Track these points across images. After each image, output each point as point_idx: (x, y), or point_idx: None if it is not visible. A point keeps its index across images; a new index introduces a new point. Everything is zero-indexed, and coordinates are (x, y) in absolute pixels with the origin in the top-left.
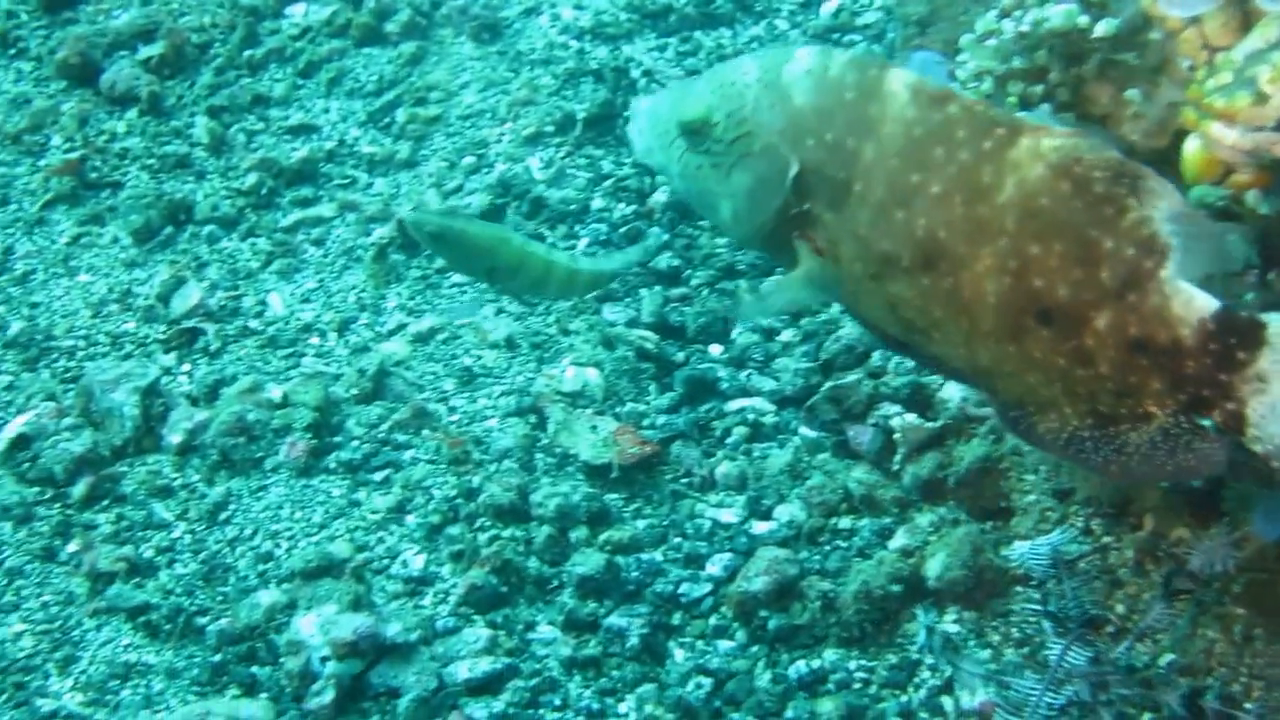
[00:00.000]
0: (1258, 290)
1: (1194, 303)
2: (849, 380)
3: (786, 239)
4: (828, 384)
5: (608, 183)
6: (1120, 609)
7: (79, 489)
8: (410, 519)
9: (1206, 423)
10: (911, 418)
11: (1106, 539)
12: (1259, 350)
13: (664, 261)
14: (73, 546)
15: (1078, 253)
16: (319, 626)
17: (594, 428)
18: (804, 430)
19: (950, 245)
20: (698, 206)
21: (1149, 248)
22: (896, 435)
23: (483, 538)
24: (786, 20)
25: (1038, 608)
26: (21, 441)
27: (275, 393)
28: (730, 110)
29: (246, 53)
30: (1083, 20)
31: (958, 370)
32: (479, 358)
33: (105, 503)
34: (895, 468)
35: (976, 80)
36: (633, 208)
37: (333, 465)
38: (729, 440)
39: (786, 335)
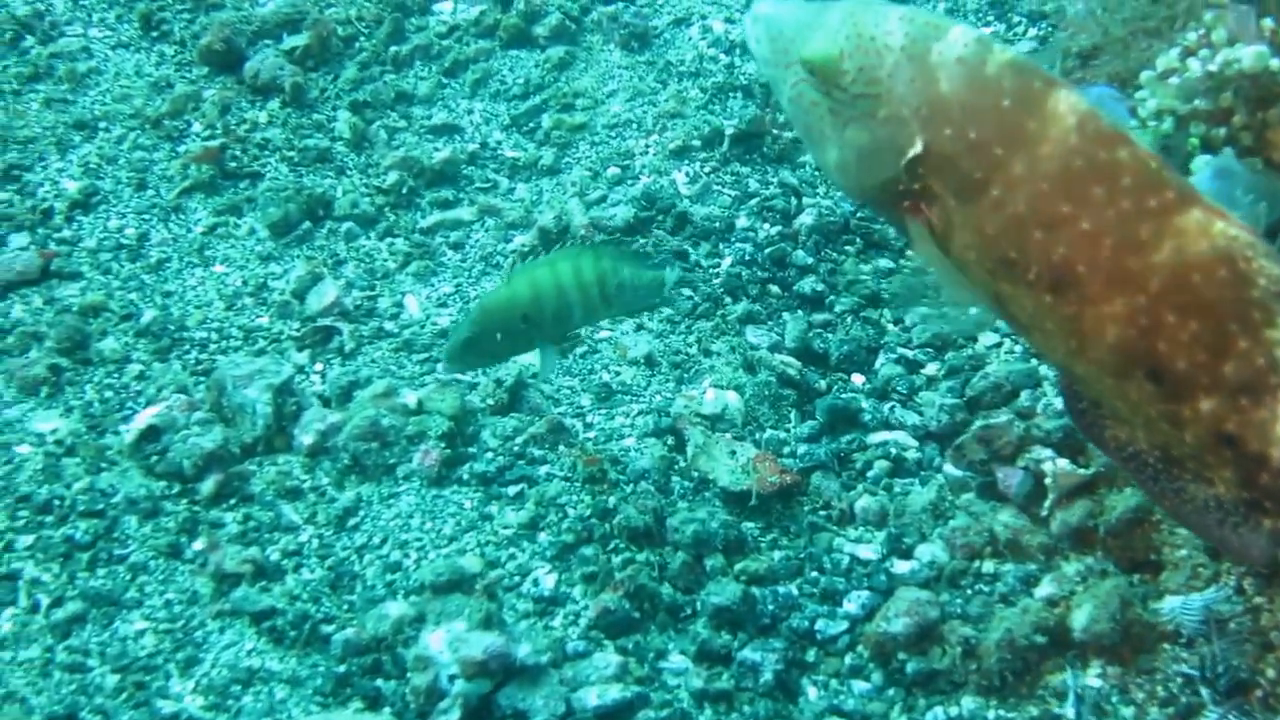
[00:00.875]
0: None
1: None
2: (1000, 421)
3: (889, 205)
4: (977, 423)
5: (753, 201)
6: (1271, 673)
7: (207, 485)
8: (543, 537)
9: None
10: (1064, 463)
11: (1259, 599)
12: None
13: (808, 286)
14: (198, 544)
15: (1211, 339)
16: (448, 643)
17: (733, 453)
18: (949, 468)
19: (1086, 281)
20: (804, 137)
21: (1275, 365)
22: (1047, 480)
23: (616, 560)
24: None
25: (1187, 668)
26: (151, 433)
27: (410, 398)
28: (864, 64)
29: (392, 48)
30: (1275, 63)
31: (1046, 357)
32: (617, 374)
33: (233, 501)
34: (1044, 513)
35: (1157, 119)
36: (778, 229)
37: (465, 476)
38: (870, 474)
39: (931, 369)
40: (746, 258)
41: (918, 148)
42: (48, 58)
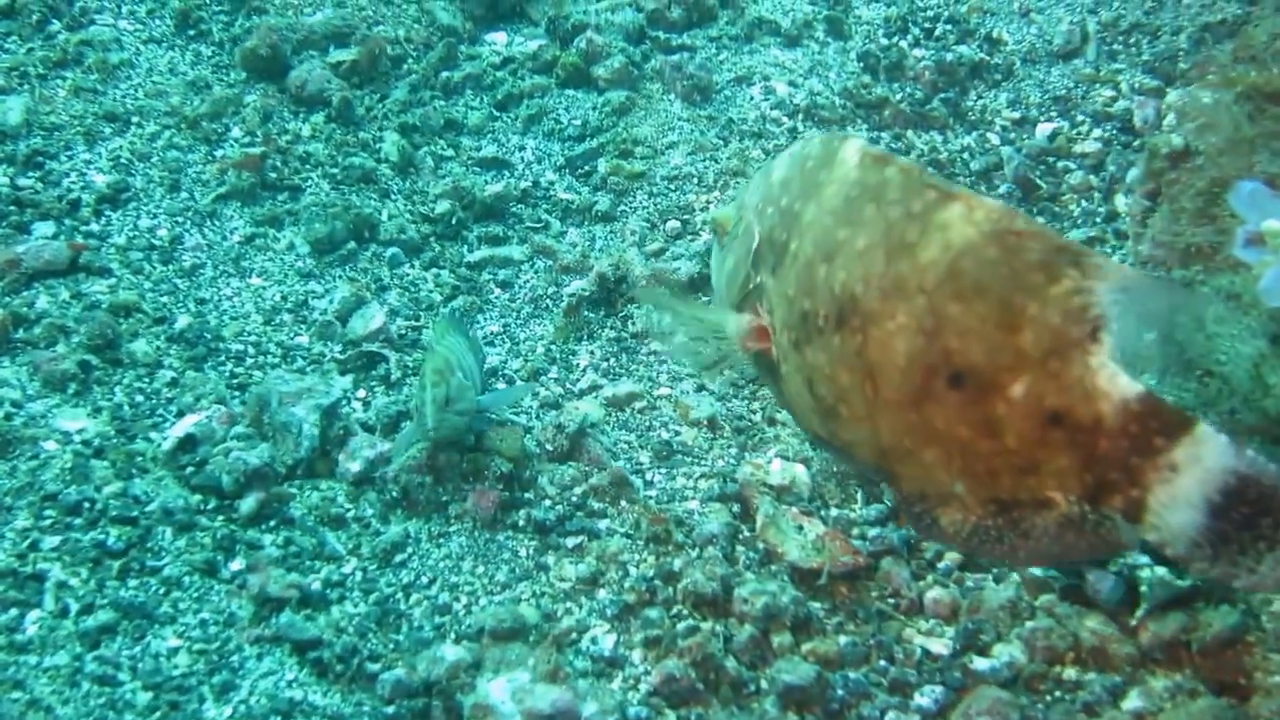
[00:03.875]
0: None
1: (1119, 380)
2: None
3: (749, 336)
4: None
5: None
6: None
7: (248, 504)
8: (603, 594)
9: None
10: (1161, 572)
11: None
12: (1179, 440)
13: None
14: (236, 564)
15: (999, 316)
16: (511, 693)
17: (801, 528)
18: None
19: (864, 300)
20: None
21: (1078, 317)
22: (1142, 588)
23: (681, 626)
24: (999, 135)
25: None
26: (187, 443)
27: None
28: (740, 202)
29: (443, 74)
30: None
31: (865, 461)
32: (677, 433)
33: (273, 523)
34: (1134, 623)
35: None
36: None
37: (522, 522)
38: (940, 565)
39: None
40: None
41: (756, 239)
42: (77, 44)
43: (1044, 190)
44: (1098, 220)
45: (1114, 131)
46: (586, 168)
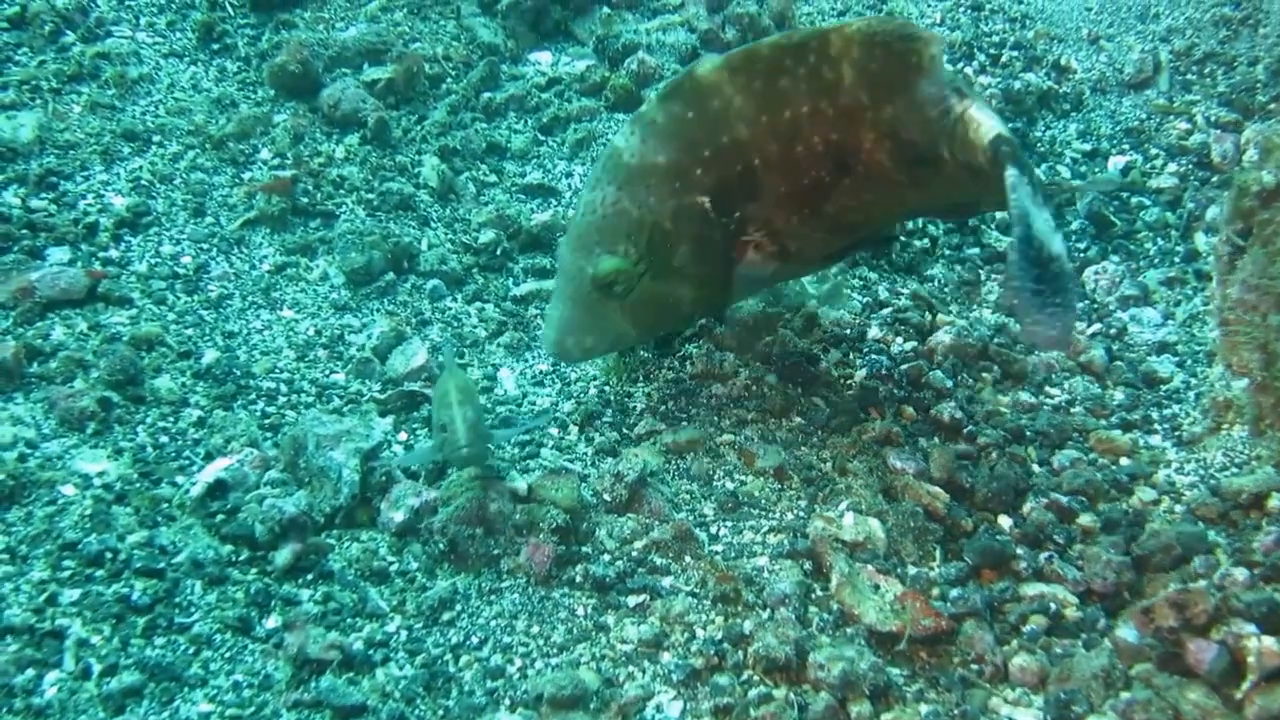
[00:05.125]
0: None
1: (981, 128)
2: (1196, 587)
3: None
4: (1173, 586)
5: (885, 311)
6: None
7: (283, 555)
8: (667, 657)
9: None
10: (1270, 641)
11: None
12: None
13: (946, 411)
14: (271, 622)
15: (912, 100)
16: None
17: (878, 588)
18: (1122, 633)
19: (845, 142)
20: (666, 322)
21: (945, 85)
22: (1249, 659)
23: (753, 694)
24: (1069, 168)
25: None
26: (217, 488)
27: (521, 484)
28: (625, 231)
29: (485, 95)
30: None
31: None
32: (742, 483)
33: (310, 576)
34: (1239, 695)
35: None
36: (913, 344)
37: (579, 579)
38: (1026, 629)
39: (1085, 520)
40: (882, 371)
41: (706, 199)
42: (93, 57)
43: (1118, 227)
44: (1176, 259)
45: (1190, 166)
46: None
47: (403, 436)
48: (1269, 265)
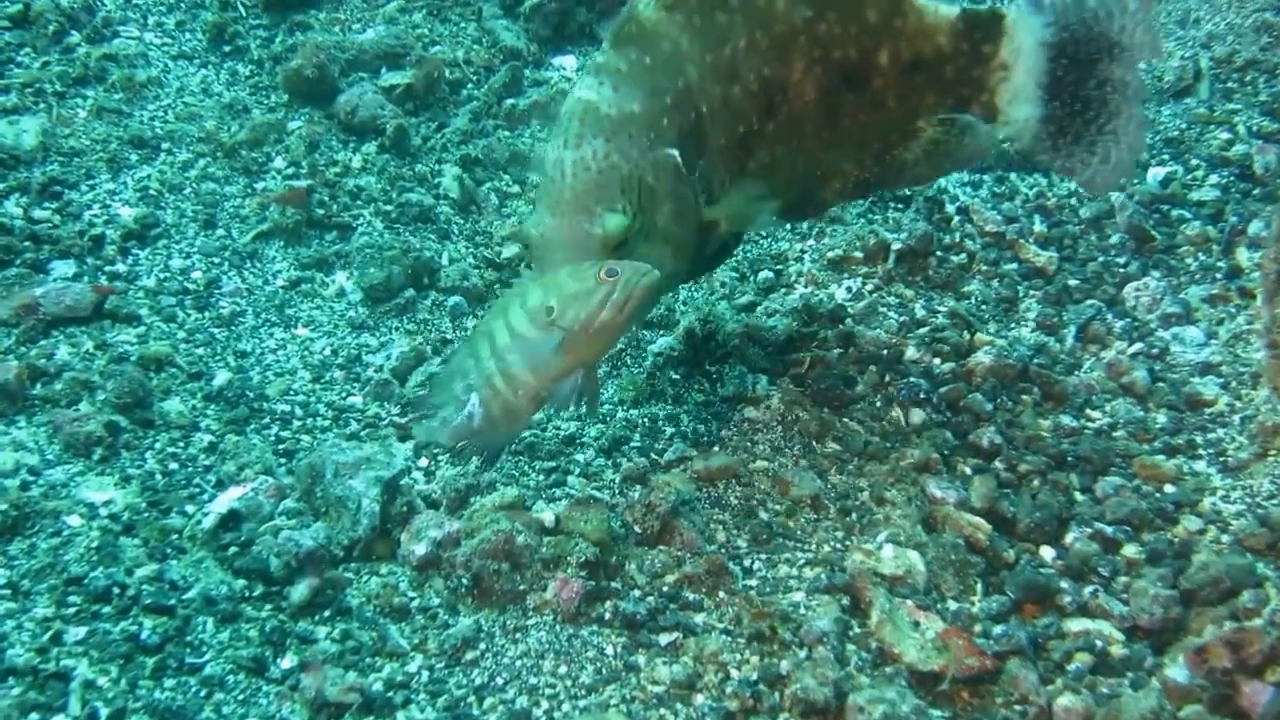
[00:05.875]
0: None
1: (940, 11)
2: (1253, 626)
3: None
4: (1227, 625)
5: (922, 330)
6: None
7: (299, 591)
8: (700, 699)
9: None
10: None
11: None
12: (1000, 41)
13: (986, 437)
14: (286, 662)
15: (848, 9)
16: None
17: (918, 625)
18: (1172, 673)
19: (773, 75)
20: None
21: None
22: None
23: None
24: None
25: None
26: (230, 519)
27: (547, 515)
28: (620, 187)
29: (507, 101)
30: None
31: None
32: (777, 513)
33: (327, 613)
34: None
35: None
36: (950, 365)
37: (608, 615)
38: (1070, 668)
39: (1130, 551)
40: (921, 395)
41: (674, 152)
42: (99, 59)
43: (1158, 241)
44: (1218, 276)
45: (1232, 178)
46: None
47: (424, 462)
48: None
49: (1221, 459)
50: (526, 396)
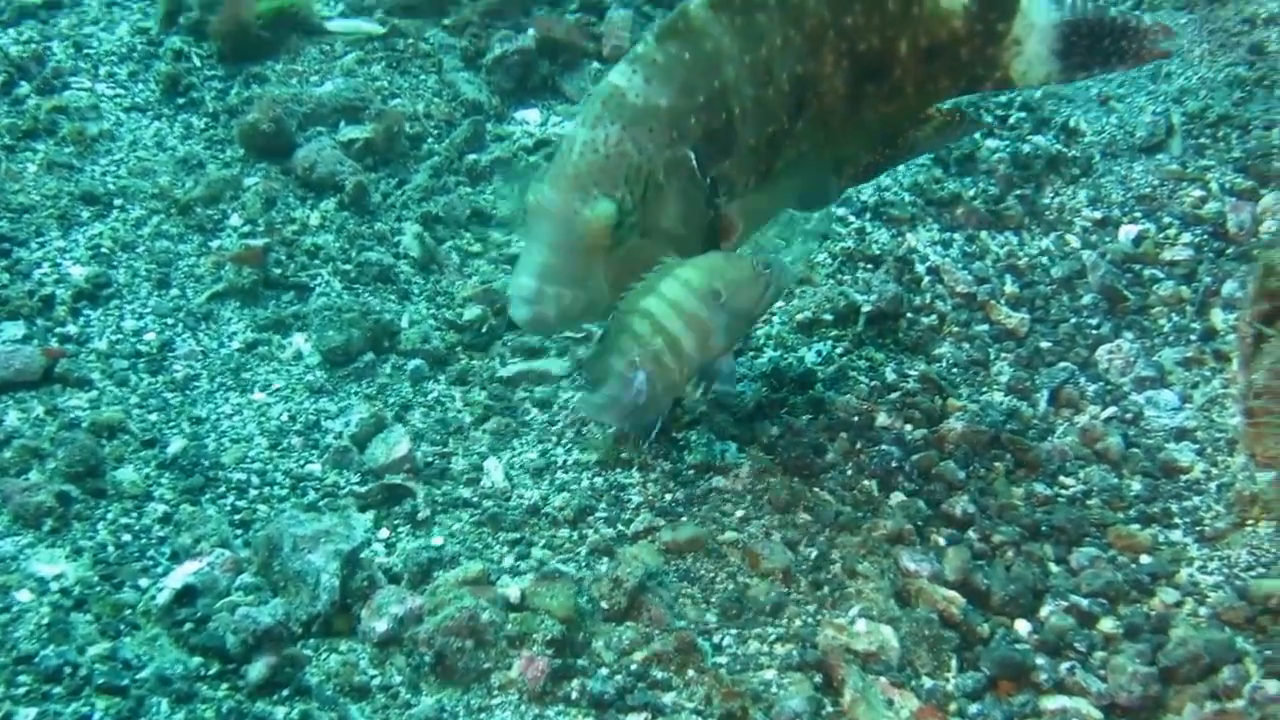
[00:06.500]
0: None
1: None
2: (1235, 707)
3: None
4: (1209, 706)
5: (893, 395)
6: None
7: (256, 670)
8: None
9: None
10: None
11: None
12: (1014, 19)
13: (959, 507)
14: None
15: (870, 2)
16: None
17: (891, 703)
18: None
19: (805, 73)
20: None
21: None
22: None
23: None
24: (1079, 237)
25: None
26: (186, 594)
27: (513, 590)
28: (625, 176)
29: (469, 156)
30: None
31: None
32: (747, 586)
33: (285, 692)
34: None
35: None
36: (922, 431)
37: (575, 695)
38: None
39: (1107, 625)
40: (893, 464)
41: (692, 153)
42: (49, 111)
43: (1131, 302)
44: (1192, 338)
45: (1205, 236)
46: None
47: (384, 533)
48: None
49: (1198, 528)
50: (688, 372)
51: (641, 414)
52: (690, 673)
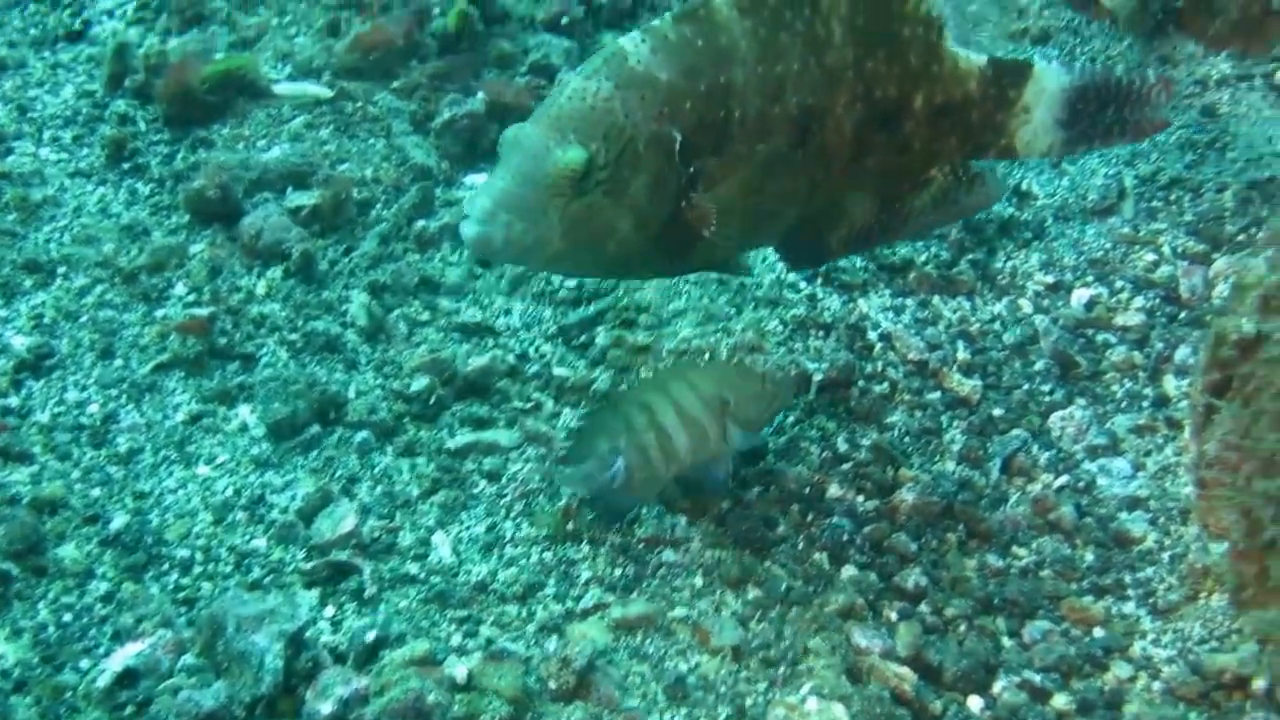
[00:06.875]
0: None
1: (971, 58)
2: None
3: (679, 223)
4: None
5: (845, 466)
6: None
7: None
8: None
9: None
10: None
11: None
12: (1025, 86)
13: (911, 580)
14: None
15: (892, 50)
16: None
17: None
18: None
19: (816, 104)
20: (586, 259)
21: (929, 24)
22: None
23: None
24: (1031, 302)
25: None
26: (127, 677)
27: (460, 670)
28: (604, 132)
29: (418, 223)
30: None
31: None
32: (696, 664)
33: None
34: None
35: None
36: (874, 503)
37: None
38: None
39: (1060, 701)
40: (845, 537)
41: (679, 137)
42: None
43: (1083, 368)
44: (1145, 404)
45: (1157, 301)
46: (584, 338)
47: (329, 611)
48: (1252, 425)
49: (1151, 600)
50: (674, 471)
51: (615, 498)
52: None
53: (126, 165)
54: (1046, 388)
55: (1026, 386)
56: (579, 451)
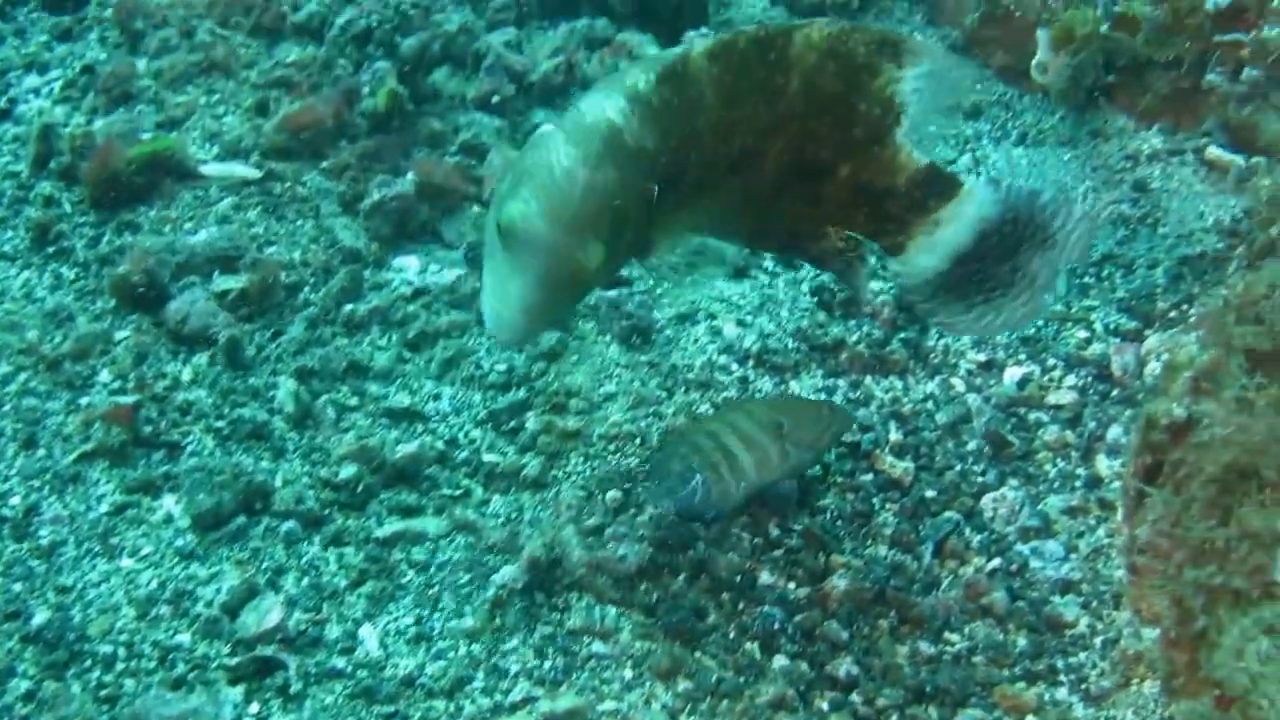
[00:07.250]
0: None
1: (913, 155)
2: None
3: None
4: None
5: (776, 553)
6: None
7: None
8: None
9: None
10: None
11: None
12: (948, 203)
13: (843, 669)
14: None
15: (841, 117)
16: None
17: None
18: None
19: (756, 148)
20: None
21: (889, 107)
22: None
23: None
24: (964, 381)
25: None
26: None
27: None
28: (611, 219)
29: (346, 307)
30: None
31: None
32: None
33: None
34: None
35: None
36: (805, 590)
37: None
38: None
39: None
40: (776, 626)
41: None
42: None
43: (1016, 447)
44: (1077, 485)
45: (1090, 379)
46: (513, 423)
47: (254, 708)
48: (1183, 512)
49: (1083, 686)
50: (745, 488)
51: (697, 509)
52: None
53: (51, 249)
54: (979, 468)
55: (959, 467)
56: (658, 475)
